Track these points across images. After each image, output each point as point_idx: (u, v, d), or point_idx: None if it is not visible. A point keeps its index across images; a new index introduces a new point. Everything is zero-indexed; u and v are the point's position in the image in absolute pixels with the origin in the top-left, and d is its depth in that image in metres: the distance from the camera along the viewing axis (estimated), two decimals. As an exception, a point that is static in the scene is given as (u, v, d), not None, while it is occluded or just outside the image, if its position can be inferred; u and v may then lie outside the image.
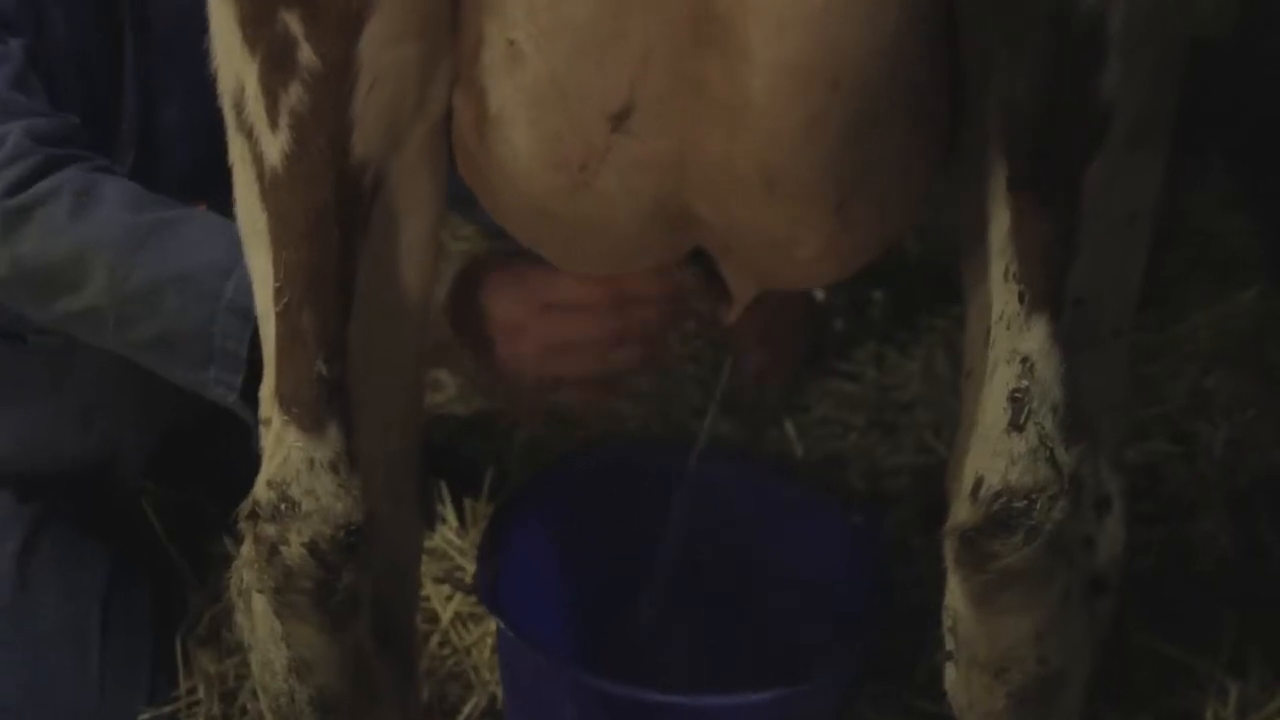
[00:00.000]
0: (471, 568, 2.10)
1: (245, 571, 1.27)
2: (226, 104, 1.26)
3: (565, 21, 1.15)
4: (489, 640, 2.06)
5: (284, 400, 1.22)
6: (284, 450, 1.21)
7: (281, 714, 1.32)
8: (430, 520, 2.21)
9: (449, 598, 2.12)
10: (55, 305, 1.75)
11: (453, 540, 2.19)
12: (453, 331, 1.68)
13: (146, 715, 1.98)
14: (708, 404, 2.54)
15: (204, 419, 1.81)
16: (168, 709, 2.00)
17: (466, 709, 1.97)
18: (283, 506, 1.21)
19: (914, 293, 2.74)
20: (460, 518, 2.23)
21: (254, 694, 1.52)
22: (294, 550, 1.21)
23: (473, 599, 2.08)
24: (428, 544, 2.18)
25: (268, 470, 1.22)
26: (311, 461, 1.20)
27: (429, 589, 2.12)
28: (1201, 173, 3.09)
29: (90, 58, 1.89)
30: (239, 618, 1.31)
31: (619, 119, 1.18)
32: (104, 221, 1.73)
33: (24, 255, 1.73)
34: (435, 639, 2.07)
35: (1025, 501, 1.19)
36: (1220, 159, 3.09)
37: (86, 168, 1.77)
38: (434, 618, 2.10)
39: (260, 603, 1.28)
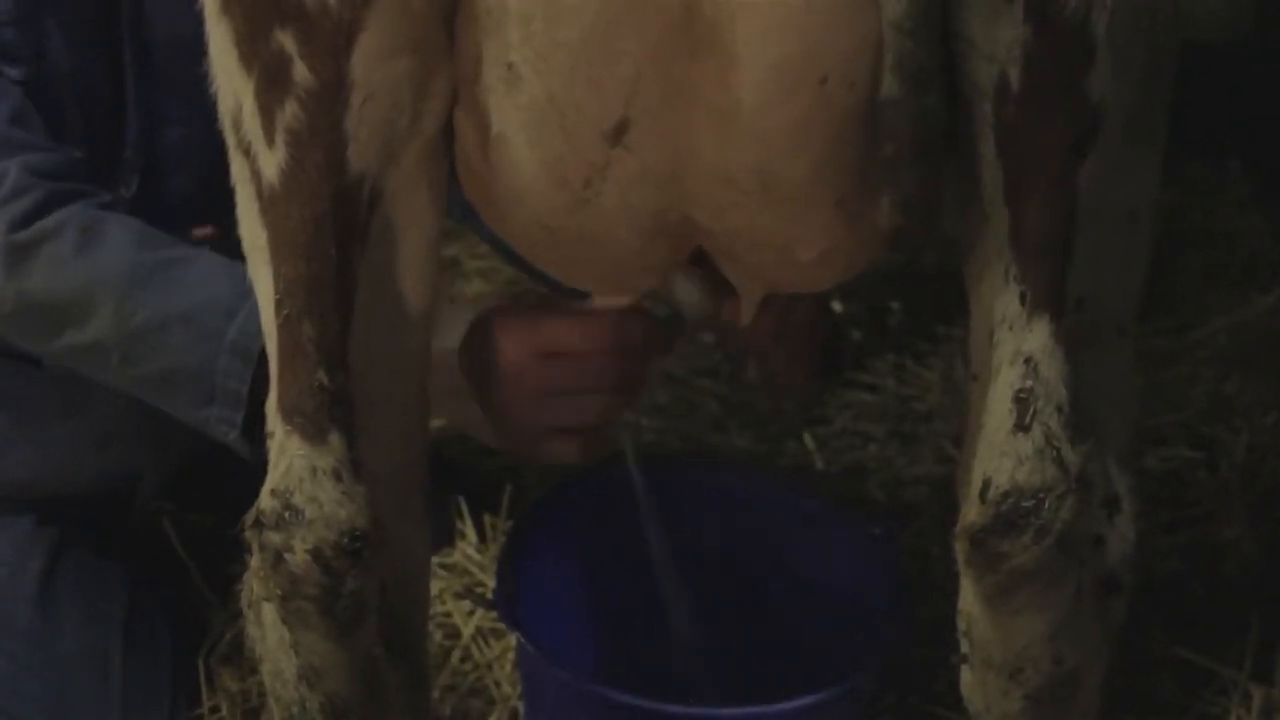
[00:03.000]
0: (491, 583, 2.10)
1: (254, 582, 1.28)
2: (226, 123, 1.28)
3: (560, 43, 1.17)
4: (510, 655, 2.05)
5: (286, 411, 1.23)
6: (287, 459, 1.22)
7: (294, 723, 1.33)
8: (450, 535, 2.21)
9: (469, 613, 2.12)
10: (60, 340, 1.76)
11: (472, 556, 2.20)
12: (464, 376, 1.71)
13: (171, 734, 1.99)
14: (725, 418, 2.56)
15: (221, 443, 1.82)
16: (191, 728, 2.01)
17: (487, 724, 1.98)
18: (286, 514, 1.21)
19: (932, 303, 2.74)
20: (480, 533, 2.23)
21: (276, 711, 1.53)
22: (299, 557, 1.21)
23: (493, 614, 2.07)
24: (448, 560, 2.19)
25: (271, 479, 1.23)
26: (314, 469, 1.21)
27: (449, 604, 2.12)
28: (1220, 176, 3.09)
29: (91, 85, 1.89)
30: (251, 629, 1.32)
31: (616, 135, 1.21)
32: (110, 258, 1.74)
33: (30, 290, 1.74)
34: (456, 654, 2.07)
35: (1033, 501, 1.19)
36: (1238, 162, 3.09)
37: (91, 204, 1.78)
38: (455, 633, 2.11)
39: (269, 612, 1.29)
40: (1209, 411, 2.48)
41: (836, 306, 2.62)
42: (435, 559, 2.11)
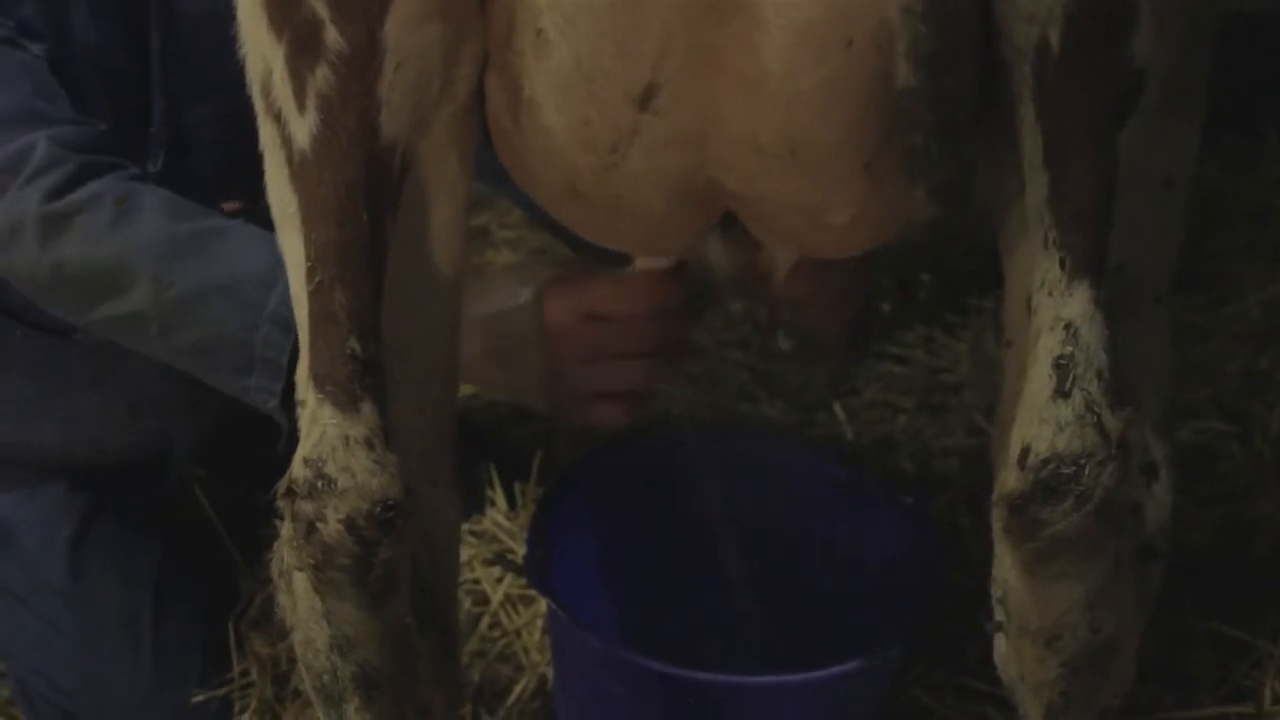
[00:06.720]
0: (521, 550, 2.11)
1: (285, 551, 1.27)
2: (255, 90, 1.27)
3: (587, 8, 1.16)
4: (539, 622, 2.06)
5: (318, 379, 1.22)
6: (319, 428, 1.21)
7: (325, 692, 1.33)
8: (480, 503, 2.21)
9: (499, 580, 2.12)
10: (99, 310, 1.76)
11: (502, 523, 2.20)
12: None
13: (200, 697, 2.00)
14: (754, 388, 2.56)
15: (252, 410, 1.82)
16: (222, 692, 2.02)
17: (516, 690, 1.98)
18: (319, 484, 1.20)
19: (962, 274, 2.74)
20: (510, 501, 2.23)
21: (306, 675, 1.53)
22: (331, 527, 1.20)
23: (523, 581, 2.08)
24: (478, 527, 2.19)
25: (304, 448, 1.22)
26: (346, 438, 1.20)
27: (479, 571, 2.13)
28: (1255, 152, 3.07)
29: (116, 61, 1.88)
30: (281, 598, 1.32)
31: (644, 99, 1.20)
32: (146, 229, 1.73)
33: (66, 261, 1.74)
34: (485, 621, 2.08)
35: (1074, 467, 1.17)
36: (1274, 138, 3.07)
37: (123, 176, 1.78)
38: (484, 600, 2.11)
39: (301, 581, 1.29)
40: (1242, 386, 2.46)
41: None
42: (465, 526, 2.12)
